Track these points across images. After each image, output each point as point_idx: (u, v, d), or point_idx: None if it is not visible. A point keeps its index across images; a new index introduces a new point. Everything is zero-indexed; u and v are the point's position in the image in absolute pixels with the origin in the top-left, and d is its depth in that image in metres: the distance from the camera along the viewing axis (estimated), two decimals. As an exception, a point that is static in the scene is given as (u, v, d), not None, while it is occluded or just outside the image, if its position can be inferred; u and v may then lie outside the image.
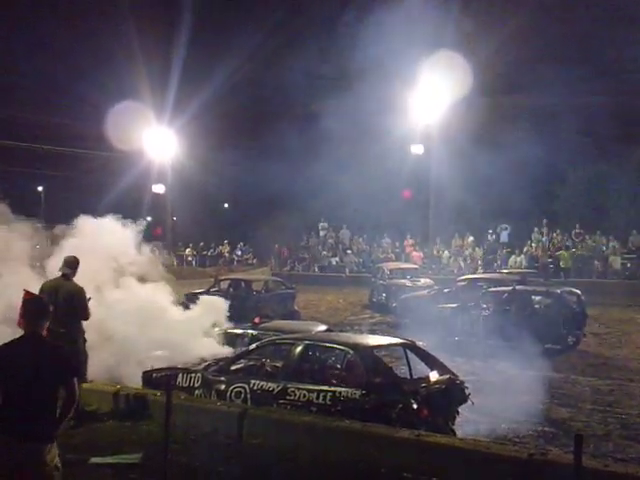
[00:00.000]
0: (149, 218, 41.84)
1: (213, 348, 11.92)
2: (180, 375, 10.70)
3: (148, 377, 11.23)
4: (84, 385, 10.07)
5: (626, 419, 11.41)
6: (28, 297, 5.85)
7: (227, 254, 43.37)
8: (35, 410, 5.45)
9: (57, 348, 5.71)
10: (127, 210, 14.82)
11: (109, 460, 8.22)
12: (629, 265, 29.64)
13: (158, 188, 38.38)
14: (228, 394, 10.06)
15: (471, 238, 33.87)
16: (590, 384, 13.75)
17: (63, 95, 38.89)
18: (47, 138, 36.74)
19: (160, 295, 13.24)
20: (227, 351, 11.73)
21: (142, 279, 13.37)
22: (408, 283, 25.70)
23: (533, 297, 18.35)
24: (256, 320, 13.92)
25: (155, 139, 36.50)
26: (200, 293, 22.10)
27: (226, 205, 55.75)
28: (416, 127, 32.53)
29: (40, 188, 56.36)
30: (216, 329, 12.93)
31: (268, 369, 10.70)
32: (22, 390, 5.39)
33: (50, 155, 38.32)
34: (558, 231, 31.38)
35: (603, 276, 28.67)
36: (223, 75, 30.92)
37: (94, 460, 8.18)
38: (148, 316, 12.49)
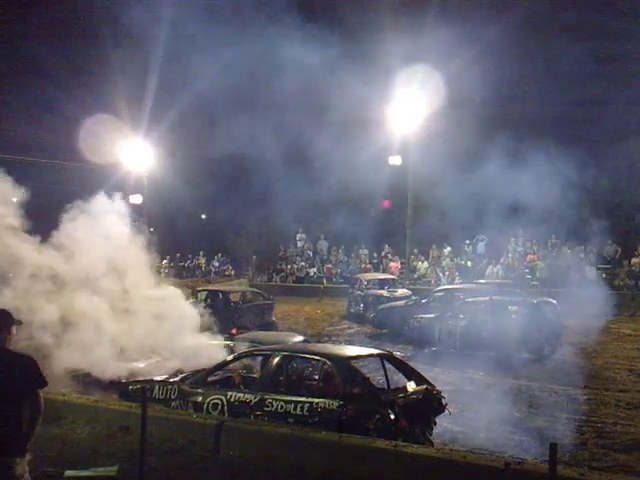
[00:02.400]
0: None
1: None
2: (156, 387, 10.64)
3: (124, 389, 11.16)
4: (59, 398, 10.03)
5: (601, 427, 11.49)
6: None
7: (204, 265, 43.22)
8: (2, 423, 5.38)
9: (23, 359, 5.63)
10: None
11: (85, 473, 8.13)
12: (604, 275, 29.89)
13: (135, 199, 38.21)
14: (205, 406, 10.02)
15: (448, 249, 34.01)
16: (566, 393, 13.83)
17: (36, 106, 38.64)
18: (21, 149, 36.49)
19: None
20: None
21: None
22: (385, 294, 25.74)
23: (510, 307, 18.45)
24: (233, 331, 13.90)
25: (131, 150, 36.44)
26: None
27: (203, 216, 55.58)
28: (394, 138, 32.65)
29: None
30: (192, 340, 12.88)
31: (245, 380, 10.68)
32: None
33: (24, 166, 38.07)
34: (534, 241, 31.58)
35: (579, 286, 28.85)
36: (199, 85, 30.86)
37: (69, 473, 8.09)
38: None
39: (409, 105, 30.58)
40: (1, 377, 5.41)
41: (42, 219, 13.23)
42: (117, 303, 12.76)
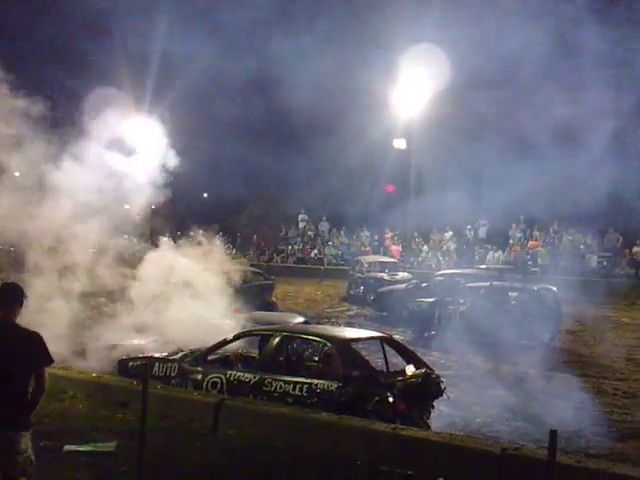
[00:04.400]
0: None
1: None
2: (157, 364, 10.67)
3: (124, 366, 11.19)
4: (60, 372, 10.06)
5: (599, 415, 11.53)
6: None
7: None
8: (7, 397, 5.40)
9: (31, 335, 5.62)
10: (104, 198, 14.72)
11: (84, 448, 8.19)
12: (605, 263, 29.92)
13: (137, 178, 38.12)
14: (204, 384, 10.05)
15: (450, 233, 34.01)
16: (564, 381, 13.85)
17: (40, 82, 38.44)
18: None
19: None
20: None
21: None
22: (386, 277, 25.74)
23: (510, 293, 18.47)
24: (234, 310, 13.88)
25: (134, 128, 36.27)
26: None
27: (205, 195, 55.49)
28: (399, 122, 32.60)
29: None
30: (193, 319, 12.90)
31: (245, 360, 10.71)
32: None
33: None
34: (536, 228, 31.59)
35: (579, 274, 28.88)
36: (202, 63, 30.73)
37: (68, 448, 8.15)
38: None
39: (414, 88, 30.49)
40: (9, 353, 5.41)
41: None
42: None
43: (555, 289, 18.89)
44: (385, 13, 25.36)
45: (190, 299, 12.84)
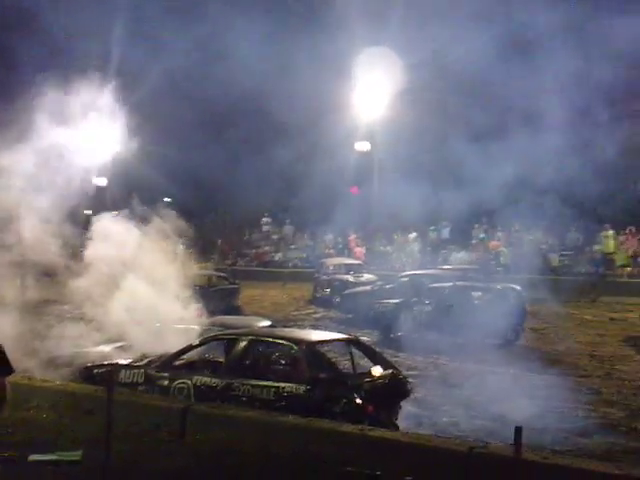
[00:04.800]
0: (89, 212, 41.16)
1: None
2: (122, 371, 10.58)
3: (89, 373, 11.07)
4: (23, 381, 9.93)
5: (563, 412, 11.68)
6: None
7: (169, 249, 42.94)
8: None
9: None
10: (66, 203, 14.56)
11: (49, 457, 8.07)
12: (566, 262, 30.28)
13: (100, 181, 37.76)
14: (171, 390, 10.00)
15: (414, 234, 34.16)
16: (529, 378, 13.99)
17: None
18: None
19: None
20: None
21: None
22: (351, 279, 25.84)
23: (473, 293, 18.63)
24: (198, 315, 13.80)
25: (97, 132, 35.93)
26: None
27: (168, 199, 55.11)
28: (360, 124, 32.70)
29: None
30: (157, 324, 12.80)
31: (212, 365, 10.66)
32: None
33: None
34: (498, 228, 31.86)
35: (542, 272, 29.19)
36: (163, 68, 30.56)
37: (34, 457, 8.02)
38: None
39: (375, 91, 30.62)
40: None
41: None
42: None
43: (519, 288, 19.10)
44: (344, 14, 25.44)
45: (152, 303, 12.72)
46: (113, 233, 13.10)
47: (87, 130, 14.44)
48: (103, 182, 37.99)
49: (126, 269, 12.73)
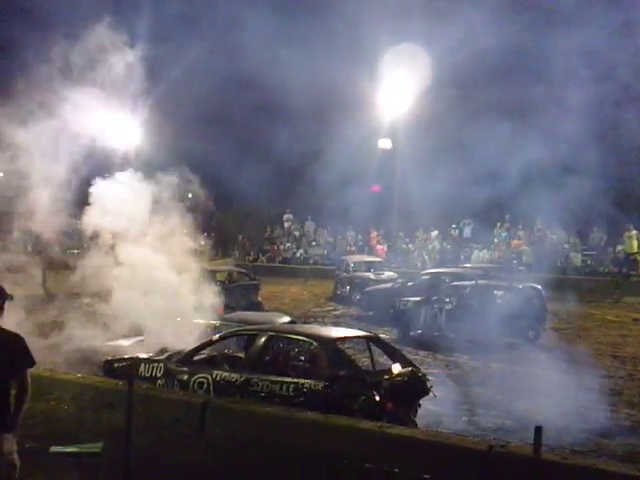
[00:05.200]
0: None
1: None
2: (142, 365, 10.64)
3: (109, 367, 11.16)
4: (45, 374, 10.02)
5: (584, 412, 11.59)
6: None
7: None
8: None
9: (13, 336, 5.55)
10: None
11: (70, 449, 8.15)
12: (589, 262, 30.08)
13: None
14: (191, 384, 10.04)
15: (435, 232, 34.09)
16: (549, 378, 13.90)
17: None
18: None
19: None
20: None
21: None
22: (372, 276, 25.80)
23: (495, 292, 18.53)
24: (219, 310, 13.85)
25: (119, 129, 36.06)
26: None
27: (190, 195, 55.34)
28: (383, 122, 32.65)
29: None
30: (177, 319, 12.86)
31: (231, 360, 10.69)
32: None
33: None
34: (520, 227, 31.69)
35: (564, 272, 29.03)
36: (187, 65, 30.67)
37: (55, 449, 8.12)
38: None
39: (398, 89, 30.53)
40: None
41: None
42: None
43: (540, 287, 18.98)
44: (368, 13, 25.40)
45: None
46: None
47: (107, 126, 14.41)
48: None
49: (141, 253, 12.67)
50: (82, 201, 13.04)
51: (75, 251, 14.09)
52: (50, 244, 13.46)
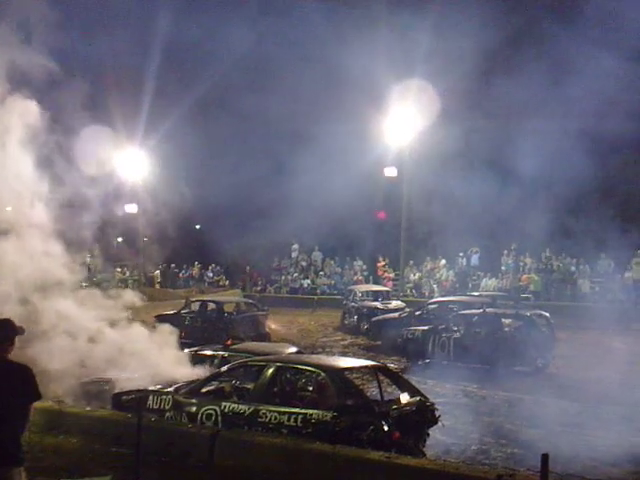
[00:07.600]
0: (120, 239, 41.58)
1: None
2: (150, 397, 10.65)
3: (118, 400, 11.17)
4: (54, 407, 10.05)
5: (593, 441, 11.53)
6: None
7: (198, 275, 43.21)
8: (6, 433, 5.39)
9: (22, 370, 5.57)
10: (96, 231, 14.78)
11: (78, 482, 8.17)
12: (597, 289, 29.98)
13: (131, 208, 38.14)
14: (199, 416, 10.03)
15: (443, 261, 34.07)
16: (558, 406, 13.86)
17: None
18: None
19: None
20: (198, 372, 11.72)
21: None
22: (379, 305, 25.79)
23: (503, 320, 18.50)
24: (228, 342, 13.90)
25: (126, 159, 36.33)
26: (171, 315, 22.09)
27: (198, 226, 55.54)
28: (389, 150, 32.79)
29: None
30: (186, 350, 12.94)
31: (239, 391, 10.71)
32: None
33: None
34: (527, 254, 31.67)
35: (572, 299, 28.94)
36: (195, 94, 30.94)
37: (63, 482, 8.13)
38: None
39: (405, 118, 30.74)
40: (3, 390, 5.38)
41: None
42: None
43: (548, 315, 18.95)
44: (377, 45, 25.68)
45: None
46: None
47: (118, 159, 14.60)
48: (133, 209, 38.40)
49: None
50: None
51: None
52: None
